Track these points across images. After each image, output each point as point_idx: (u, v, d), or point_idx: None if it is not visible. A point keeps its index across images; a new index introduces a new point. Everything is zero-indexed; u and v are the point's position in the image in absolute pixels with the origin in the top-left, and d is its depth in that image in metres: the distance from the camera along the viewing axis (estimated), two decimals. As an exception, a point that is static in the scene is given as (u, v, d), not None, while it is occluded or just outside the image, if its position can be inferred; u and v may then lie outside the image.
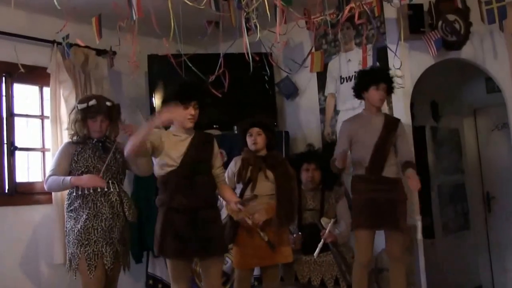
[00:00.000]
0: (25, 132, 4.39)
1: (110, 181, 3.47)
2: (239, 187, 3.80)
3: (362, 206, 3.78)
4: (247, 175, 3.75)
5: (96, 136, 3.51)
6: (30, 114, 4.47)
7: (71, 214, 3.43)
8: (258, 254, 3.67)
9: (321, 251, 4.03)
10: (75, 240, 3.35)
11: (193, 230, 3.11)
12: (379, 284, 4.33)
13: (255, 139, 3.76)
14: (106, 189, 3.42)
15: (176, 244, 3.10)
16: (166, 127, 3.32)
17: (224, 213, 3.93)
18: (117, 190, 3.50)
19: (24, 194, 4.22)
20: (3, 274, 3.95)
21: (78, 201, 3.41)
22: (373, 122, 3.84)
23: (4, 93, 4.22)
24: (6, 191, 4.15)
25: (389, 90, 3.87)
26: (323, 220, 4.12)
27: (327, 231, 4.03)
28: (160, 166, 3.21)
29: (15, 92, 4.30)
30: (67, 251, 3.47)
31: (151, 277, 4.44)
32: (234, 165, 3.85)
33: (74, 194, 3.43)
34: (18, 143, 4.24)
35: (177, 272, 3.21)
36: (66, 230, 3.48)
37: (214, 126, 4.64)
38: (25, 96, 4.44)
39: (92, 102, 3.47)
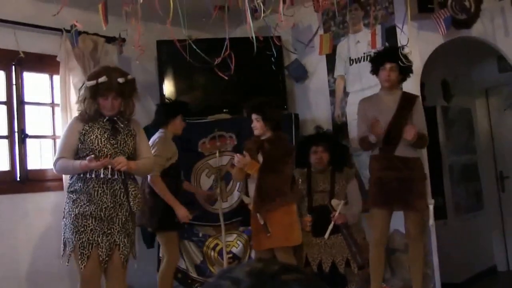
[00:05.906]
0: (36, 120, 4.42)
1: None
2: None
3: (373, 184, 3.82)
4: None
5: (108, 114, 3.24)
6: (41, 102, 4.50)
7: (71, 196, 3.19)
8: (258, 236, 3.80)
9: (332, 233, 4.05)
10: (71, 225, 3.14)
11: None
12: (391, 265, 4.33)
13: (255, 125, 3.80)
14: (109, 176, 3.16)
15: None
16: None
17: (236, 196, 4.10)
18: (122, 177, 3.20)
19: (35, 181, 4.23)
20: (16, 261, 3.99)
21: (79, 184, 3.18)
22: (387, 100, 3.82)
23: (14, 82, 4.23)
24: (18, 178, 4.19)
25: (402, 68, 3.78)
26: (333, 202, 4.12)
27: (337, 212, 4.04)
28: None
29: (25, 81, 4.31)
30: (62, 235, 3.25)
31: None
32: None
33: (76, 175, 3.21)
34: (29, 131, 4.27)
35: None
36: (64, 212, 3.25)
37: (224, 110, 4.66)
38: (36, 84, 4.47)
39: (102, 79, 3.15)
